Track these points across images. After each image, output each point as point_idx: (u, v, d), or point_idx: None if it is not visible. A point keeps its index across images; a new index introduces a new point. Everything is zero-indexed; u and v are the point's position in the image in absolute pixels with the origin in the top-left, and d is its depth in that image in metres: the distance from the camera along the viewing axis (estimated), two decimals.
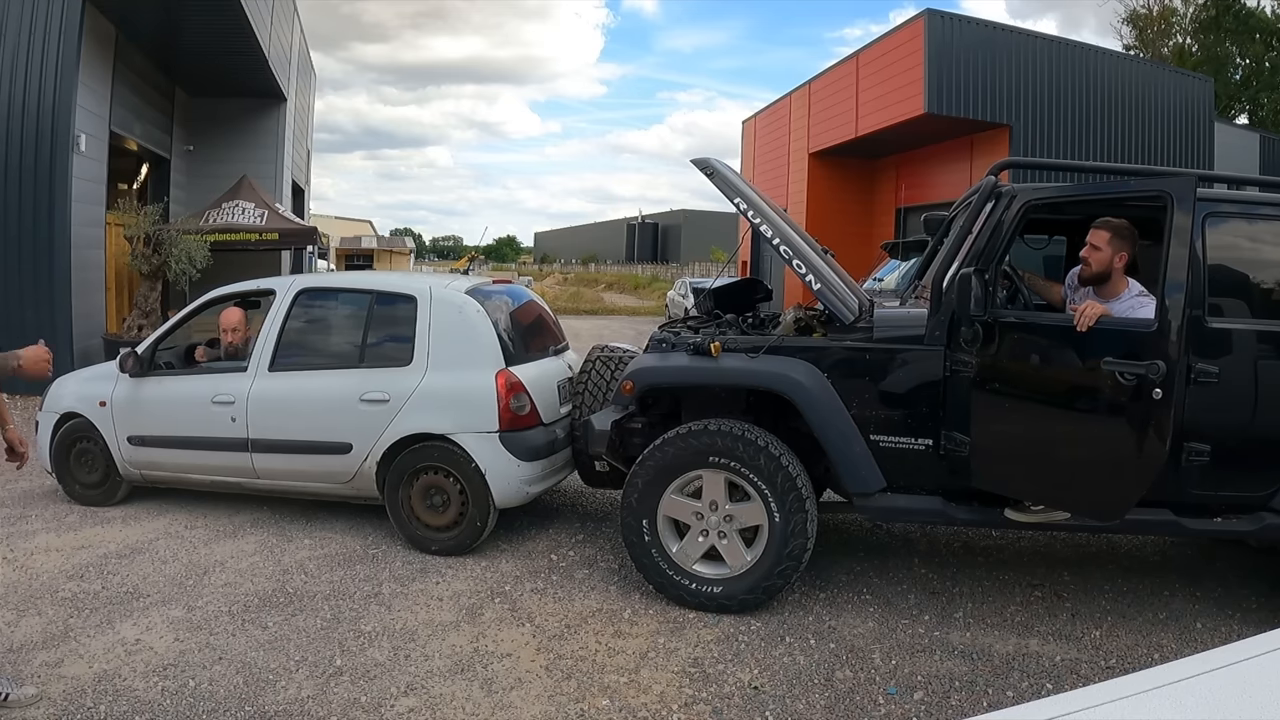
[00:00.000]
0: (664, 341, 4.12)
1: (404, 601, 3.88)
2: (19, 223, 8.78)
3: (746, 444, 3.63)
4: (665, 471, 3.76)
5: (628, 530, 3.85)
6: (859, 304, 3.85)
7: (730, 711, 2.98)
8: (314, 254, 19.54)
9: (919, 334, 3.66)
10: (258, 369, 4.83)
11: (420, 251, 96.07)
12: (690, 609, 3.80)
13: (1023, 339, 3.49)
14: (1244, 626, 3.71)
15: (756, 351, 3.80)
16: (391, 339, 4.72)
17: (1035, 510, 3.59)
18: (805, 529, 3.65)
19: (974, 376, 3.50)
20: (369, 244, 46.30)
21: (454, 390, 4.45)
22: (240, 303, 5.42)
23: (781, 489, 3.61)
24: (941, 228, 4.88)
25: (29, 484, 5.69)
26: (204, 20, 10.55)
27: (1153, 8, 33.24)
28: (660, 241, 64.04)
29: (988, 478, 3.55)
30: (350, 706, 2.97)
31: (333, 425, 4.60)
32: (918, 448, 3.66)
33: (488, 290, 4.99)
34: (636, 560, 3.88)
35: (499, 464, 4.36)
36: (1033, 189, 3.69)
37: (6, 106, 8.71)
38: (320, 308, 5.14)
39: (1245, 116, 31.01)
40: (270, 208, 12.41)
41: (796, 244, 3.94)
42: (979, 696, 3.11)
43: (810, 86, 21.01)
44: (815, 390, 3.66)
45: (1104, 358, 3.14)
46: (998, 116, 15.54)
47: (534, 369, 4.76)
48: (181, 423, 4.91)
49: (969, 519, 3.71)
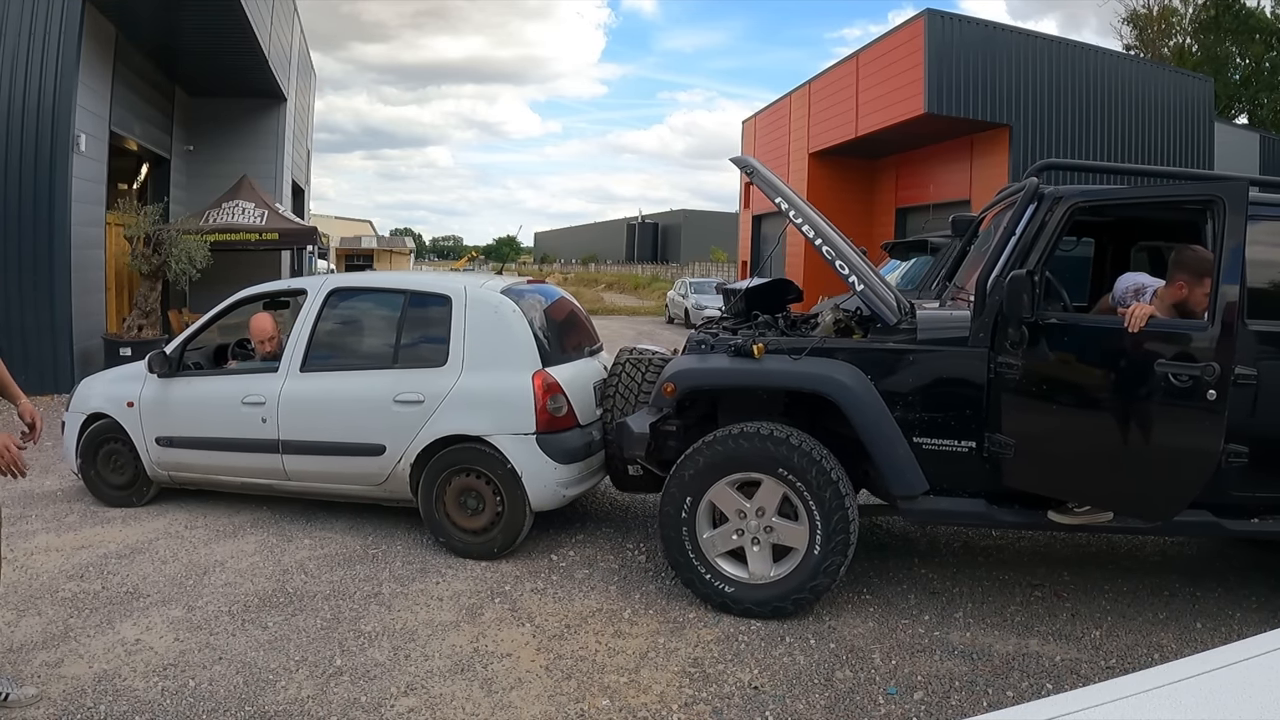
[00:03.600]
0: (703, 343, 4.06)
1: (404, 601, 3.88)
2: (19, 223, 8.78)
3: (819, 470, 3.57)
4: (731, 462, 3.69)
5: (668, 500, 3.78)
6: (900, 305, 3.82)
7: (730, 711, 2.98)
8: (314, 254, 19.55)
9: (963, 335, 3.62)
10: (289, 369, 4.78)
11: (420, 251, 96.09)
12: (696, 598, 3.79)
13: (1071, 340, 3.47)
14: (1244, 626, 3.71)
15: (800, 353, 3.76)
16: (426, 339, 4.66)
17: (1080, 512, 3.57)
18: (843, 554, 3.62)
19: (1020, 378, 3.47)
20: (369, 244, 46.36)
21: (490, 391, 4.39)
22: (270, 303, 5.38)
23: (834, 527, 3.58)
24: (970, 229, 4.88)
25: (29, 484, 5.69)
26: (204, 20, 10.55)
27: (1153, 8, 33.25)
28: (660, 241, 64.04)
29: (1033, 480, 3.53)
30: (350, 706, 2.97)
31: (366, 426, 4.55)
32: (960, 450, 3.63)
33: (522, 289, 4.92)
34: (664, 532, 3.82)
35: (535, 466, 4.30)
36: (1079, 191, 3.66)
37: (6, 106, 8.70)
38: (352, 307, 5.08)
39: (1245, 116, 31.02)
40: (270, 208, 12.41)
41: (838, 244, 3.91)
42: (979, 696, 3.11)
43: (810, 86, 21.03)
44: (860, 392, 3.62)
45: (1156, 360, 3.17)
46: (998, 116, 15.55)
47: (570, 369, 4.69)
48: (211, 424, 4.88)
49: (1013, 521, 3.69)
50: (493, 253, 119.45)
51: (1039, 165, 3.89)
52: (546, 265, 78.70)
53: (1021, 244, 3.59)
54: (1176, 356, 3.14)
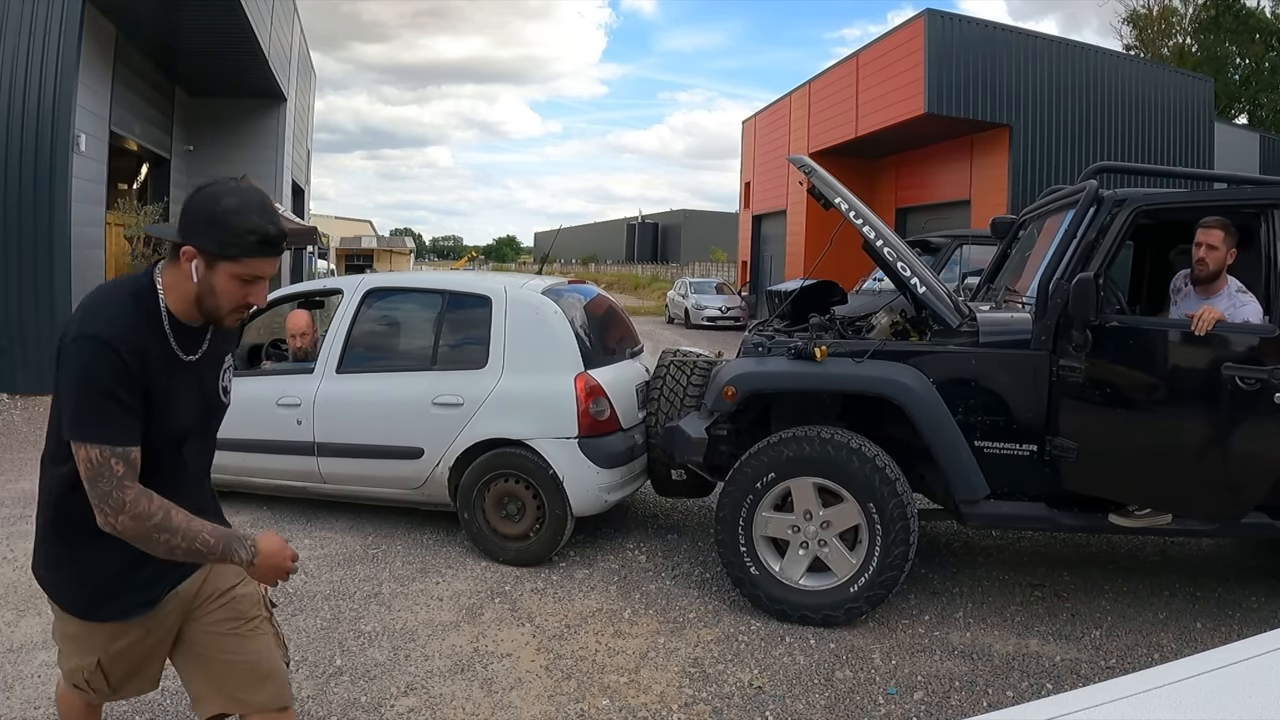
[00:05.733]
0: (759, 345, 4.01)
1: (404, 601, 3.88)
2: (19, 223, 8.79)
3: (896, 503, 3.51)
4: (826, 467, 3.59)
5: (750, 467, 3.68)
6: (960, 308, 3.80)
7: (730, 711, 2.98)
8: (314, 254, 19.56)
9: (1025, 338, 3.60)
10: (325, 370, 4.71)
11: (420, 251, 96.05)
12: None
13: (1135, 343, 3.47)
14: (1244, 626, 3.71)
15: (861, 356, 3.71)
16: (465, 340, 4.58)
17: (1140, 515, 3.58)
18: (878, 598, 3.59)
19: (1082, 381, 3.46)
20: (369, 244, 46.36)
21: (531, 394, 4.30)
22: (305, 303, 5.33)
23: (888, 563, 3.54)
24: (1011, 231, 4.87)
25: (29, 484, 5.69)
26: (204, 20, 10.57)
27: (1153, 8, 33.26)
28: (660, 241, 63.99)
29: (1094, 483, 3.52)
30: (350, 706, 2.97)
31: (403, 429, 4.47)
32: (1022, 453, 3.61)
33: (561, 290, 4.83)
34: (728, 487, 3.74)
35: (577, 471, 4.21)
36: (1143, 195, 3.67)
37: (6, 106, 8.71)
38: (390, 308, 5.02)
39: (1245, 116, 31.03)
40: None
41: (899, 246, 3.89)
42: (979, 696, 3.11)
43: (810, 86, 21.04)
44: (924, 395, 3.59)
45: (1223, 362, 3.18)
46: (998, 116, 15.55)
47: (612, 372, 4.57)
48: (244, 425, 4.72)
49: (1074, 524, 3.68)
50: (492, 252, 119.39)
51: (1095, 168, 3.87)
52: (546, 265, 78.51)
53: (1082, 247, 3.57)
54: (1243, 359, 3.16)
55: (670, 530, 4.99)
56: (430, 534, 4.75)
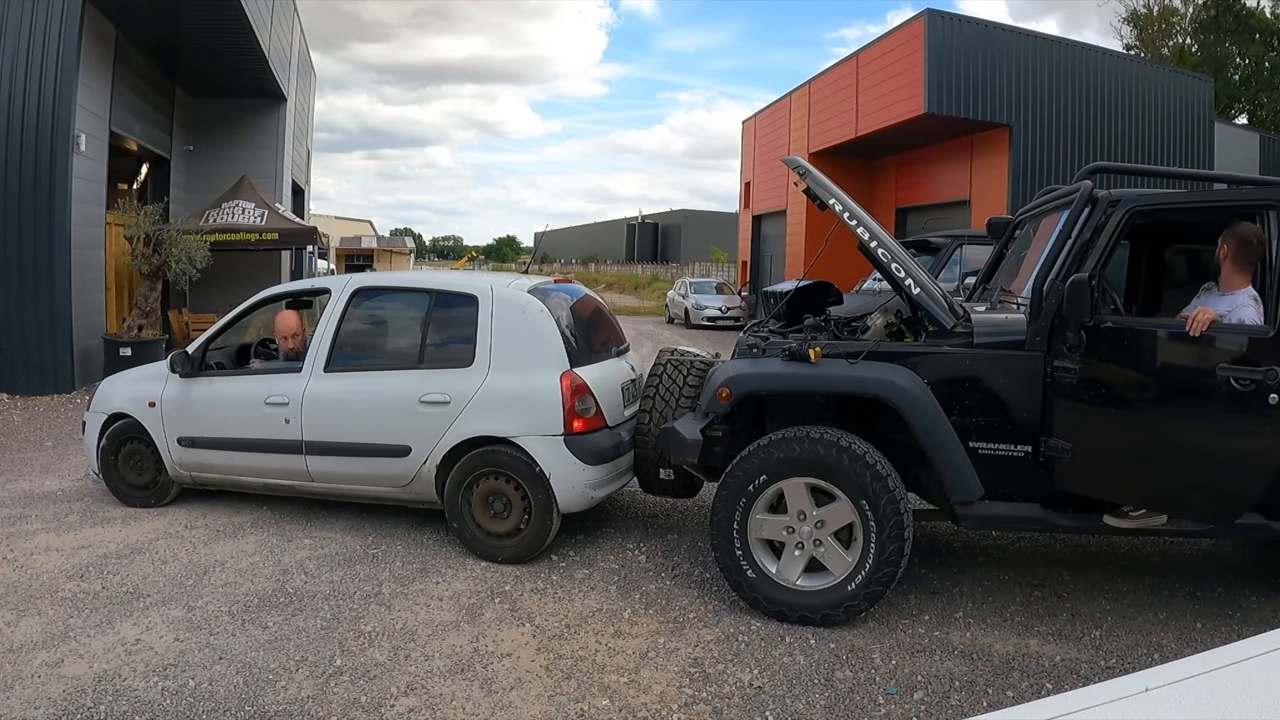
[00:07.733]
0: (754, 347, 4.01)
1: (404, 601, 3.88)
2: (19, 223, 8.79)
3: (889, 501, 3.51)
4: (819, 468, 3.59)
5: (742, 468, 3.69)
6: (954, 309, 3.80)
7: (730, 711, 2.98)
8: (314, 254, 19.55)
9: (1020, 339, 3.59)
10: (313, 369, 4.74)
11: (420, 251, 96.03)
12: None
13: (1130, 344, 3.46)
14: (1244, 626, 3.71)
15: (856, 357, 3.70)
16: (452, 339, 4.61)
17: (1135, 516, 3.58)
18: (877, 594, 3.59)
19: (1077, 382, 3.45)
20: (369, 244, 46.29)
21: (517, 392, 4.34)
22: (293, 302, 5.35)
23: (883, 560, 3.53)
24: (1007, 232, 4.86)
25: (29, 484, 5.70)
26: (204, 20, 10.56)
27: (1153, 8, 33.28)
28: (660, 241, 64.02)
29: (1089, 483, 3.52)
30: (350, 706, 2.97)
31: (391, 427, 4.50)
32: (1016, 454, 3.61)
33: (548, 289, 4.86)
34: (721, 490, 3.75)
35: (564, 468, 4.25)
36: (1138, 195, 3.66)
37: (6, 106, 8.71)
38: (377, 307, 5.05)
39: (1245, 116, 31.03)
40: (270, 208, 12.42)
41: (893, 247, 3.87)
42: (979, 696, 3.11)
43: (810, 87, 21.05)
44: (919, 396, 3.59)
45: (1218, 363, 3.17)
46: (998, 116, 15.56)
47: (598, 370, 4.62)
48: (233, 424, 4.85)
49: (1069, 525, 3.68)
50: (493, 252, 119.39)
51: (1090, 168, 3.86)
52: (546, 265, 78.70)
53: (1077, 247, 3.57)
54: (1238, 360, 3.15)
55: (670, 530, 4.99)
56: (430, 534, 4.75)
